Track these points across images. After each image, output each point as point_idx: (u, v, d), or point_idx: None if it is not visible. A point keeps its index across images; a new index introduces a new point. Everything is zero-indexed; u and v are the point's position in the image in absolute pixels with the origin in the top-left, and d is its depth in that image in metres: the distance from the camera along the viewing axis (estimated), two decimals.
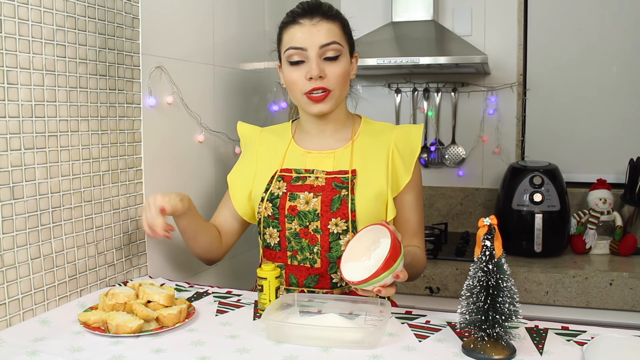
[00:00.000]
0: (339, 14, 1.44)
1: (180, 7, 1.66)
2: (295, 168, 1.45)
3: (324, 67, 1.38)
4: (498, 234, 1.02)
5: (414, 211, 1.47)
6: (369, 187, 1.40)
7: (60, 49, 1.27)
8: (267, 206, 1.42)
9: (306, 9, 1.40)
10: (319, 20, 1.38)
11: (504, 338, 1.03)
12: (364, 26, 2.56)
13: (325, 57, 1.38)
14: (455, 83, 2.64)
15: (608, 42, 2.52)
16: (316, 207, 1.38)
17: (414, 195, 1.47)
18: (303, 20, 1.38)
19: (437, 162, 2.70)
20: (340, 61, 1.40)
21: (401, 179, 1.44)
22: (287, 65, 1.41)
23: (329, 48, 1.37)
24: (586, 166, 2.59)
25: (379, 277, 1.12)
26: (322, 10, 1.40)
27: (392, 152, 1.45)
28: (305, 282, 1.41)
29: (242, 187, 1.51)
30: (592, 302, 2.00)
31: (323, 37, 1.37)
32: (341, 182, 1.40)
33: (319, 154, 1.46)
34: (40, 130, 1.22)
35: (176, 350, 1.08)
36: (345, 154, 1.45)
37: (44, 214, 1.24)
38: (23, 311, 1.19)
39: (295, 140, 1.51)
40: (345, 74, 1.41)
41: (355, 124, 1.52)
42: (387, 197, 1.42)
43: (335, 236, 1.38)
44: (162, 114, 1.59)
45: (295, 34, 1.38)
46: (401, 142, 1.47)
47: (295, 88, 1.40)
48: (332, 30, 1.39)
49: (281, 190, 1.42)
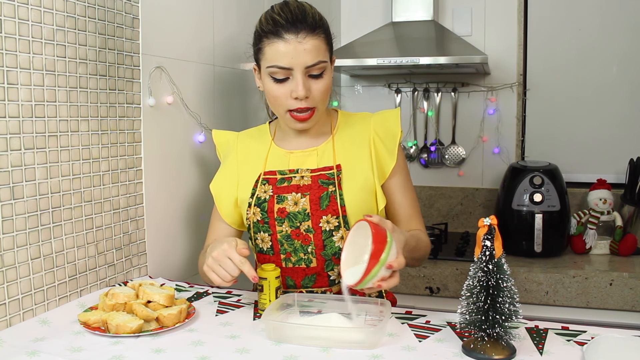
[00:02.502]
0: (322, 22, 1.37)
1: (180, 7, 1.66)
2: (279, 169, 1.43)
3: (309, 85, 1.34)
4: (498, 234, 1.02)
5: (404, 194, 1.46)
6: (355, 180, 1.40)
7: (60, 49, 1.27)
8: (256, 211, 1.40)
9: (290, 21, 1.31)
10: (305, 35, 1.31)
11: (504, 338, 1.03)
12: (364, 26, 2.57)
13: (310, 74, 1.34)
14: (455, 83, 2.64)
15: (608, 42, 2.52)
16: (305, 207, 1.38)
17: (401, 178, 1.46)
18: (288, 35, 1.30)
19: (437, 162, 2.70)
20: (324, 77, 1.36)
21: (386, 165, 1.43)
22: (269, 80, 1.36)
23: (315, 68, 1.33)
24: (586, 166, 2.59)
25: (372, 273, 1.09)
26: (308, 22, 1.32)
27: (373, 140, 1.44)
28: (303, 282, 1.40)
29: (227, 195, 1.48)
30: (592, 302, 2.00)
31: (309, 57, 1.32)
32: (327, 179, 1.39)
33: (301, 153, 1.45)
34: (40, 130, 1.22)
35: (176, 350, 1.08)
36: (328, 149, 1.44)
37: (44, 214, 1.24)
38: (23, 311, 1.19)
39: (275, 142, 1.49)
40: (328, 88, 1.38)
41: (333, 118, 1.50)
42: (375, 187, 1.41)
43: (328, 233, 1.37)
44: (162, 114, 1.59)
45: (279, 51, 1.31)
46: (380, 128, 1.45)
47: (278, 103, 1.37)
48: (317, 47, 1.33)
49: (267, 193, 1.41)
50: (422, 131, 2.73)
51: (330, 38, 1.40)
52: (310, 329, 1.12)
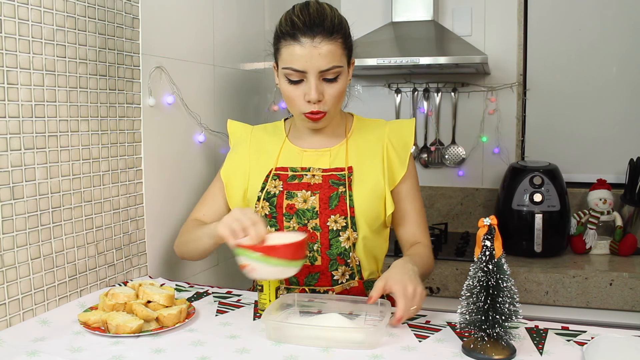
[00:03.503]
0: (341, 26, 1.37)
1: (180, 7, 1.66)
2: (290, 166, 1.45)
3: (323, 89, 1.35)
4: (498, 234, 1.02)
5: (412, 203, 1.47)
6: (365, 183, 1.41)
7: (60, 49, 1.27)
8: (264, 205, 1.42)
9: (307, 25, 1.31)
10: (321, 40, 1.31)
11: (504, 338, 1.03)
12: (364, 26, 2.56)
13: (324, 78, 1.35)
14: (455, 83, 2.64)
15: (608, 41, 2.52)
16: (314, 205, 1.38)
17: (409, 187, 1.47)
18: (304, 39, 1.31)
19: (437, 162, 2.70)
20: (338, 82, 1.37)
21: (397, 172, 1.45)
22: (284, 80, 1.37)
23: (329, 72, 1.34)
24: (586, 166, 2.59)
25: (251, 254, 1.14)
26: (325, 26, 1.32)
27: (387, 147, 1.46)
28: (306, 280, 1.40)
29: (238, 185, 1.49)
30: (592, 302, 2.00)
31: (323, 62, 1.32)
32: (338, 179, 1.40)
33: (314, 152, 1.46)
34: (40, 130, 1.22)
35: (176, 350, 1.08)
36: (341, 151, 1.46)
37: (44, 214, 1.24)
38: (23, 311, 1.19)
39: (289, 139, 1.51)
40: (342, 92, 1.40)
41: (348, 121, 1.52)
42: (385, 192, 1.42)
43: (334, 233, 1.38)
44: (162, 114, 1.59)
45: (294, 53, 1.32)
46: (394, 136, 1.47)
47: (292, 104, 1.40)
48: (333, 52, 1.33)
49: (277, 188, 1.42)
50: (422, 131, 2.73)
51: (349, 42, 1.40)
52: (310, 329, 1.12)
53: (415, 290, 1.18)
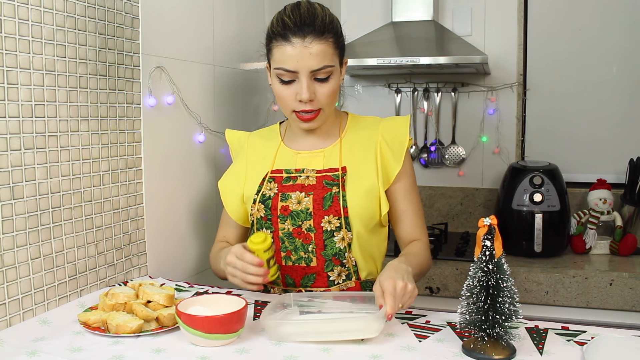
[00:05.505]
0: (332, 26, 1.36)
1: (180, 7, 1.66)
2: (285, 168, 1.45)
3: (315, 88, 1.35)
4: (498, 234, 1.02)
5: (408, 201, 1.46)
6: (359, 183, 1.40)
7: (60, 49, 1.27)
8: (260, 207, 1.42)
9: (298, 25, 1.32)
10: (312, 40, 1.32)
11: (504, 338, 1.03)
12: (364, 26, 2.57)
13: (316, 78, 1.35)
14: (455, 83, 2.64)
15: (608, 41, 2.52)
16: (308, 206, 1.38)
17: (406, 185, 1.45)
18: (295, 39, 1.32)
19: (437, 162, 2.70)
20: (330, 81, 1.37)
21: (391, 170, 1.43)
22: (276, 80, 1.38)
23: (321, 72, 1.34)
24: (586, 166, 2.59)
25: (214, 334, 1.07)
26: (316, 26, 1.32)
27: (380, 145, 1.44)
28: (302, 281, 1.41)
29: (234, 192, 1.50)
30: (592, 302, 2.00)
31: (314, 61, 1.32)
32: (332, 180, 1.40)
33: (308, 154, 1.46)
34: (40, 130, 1.22)
35: (176, 350, 1.08)
36: (335, 151, 1.45)
37: (44, 214, 1.24)
38: (23, 311, 1.19)
39: (284, 142, 1.51)
40: (335, 92, 1.39)
41: (342, 121, 1.51)
42: (379, 192, 1.41)
43: (329, 233, 1.38)
44: (162, 114, 1.59)
45: (285, 54, 1.33)
46: (389, 134, 1.46)
47: (284, 104, 1.39)
48: (324, 52, 1.33)
49: (272, 191, 1.42)
50: (422, 131, 2.73)
51: (340, 41, 1.40)
52: (309, 323, 1.13)
53: (405, 287, 1.15)
